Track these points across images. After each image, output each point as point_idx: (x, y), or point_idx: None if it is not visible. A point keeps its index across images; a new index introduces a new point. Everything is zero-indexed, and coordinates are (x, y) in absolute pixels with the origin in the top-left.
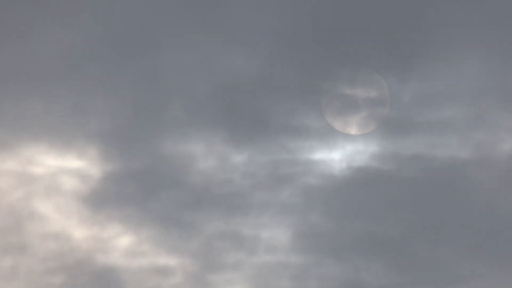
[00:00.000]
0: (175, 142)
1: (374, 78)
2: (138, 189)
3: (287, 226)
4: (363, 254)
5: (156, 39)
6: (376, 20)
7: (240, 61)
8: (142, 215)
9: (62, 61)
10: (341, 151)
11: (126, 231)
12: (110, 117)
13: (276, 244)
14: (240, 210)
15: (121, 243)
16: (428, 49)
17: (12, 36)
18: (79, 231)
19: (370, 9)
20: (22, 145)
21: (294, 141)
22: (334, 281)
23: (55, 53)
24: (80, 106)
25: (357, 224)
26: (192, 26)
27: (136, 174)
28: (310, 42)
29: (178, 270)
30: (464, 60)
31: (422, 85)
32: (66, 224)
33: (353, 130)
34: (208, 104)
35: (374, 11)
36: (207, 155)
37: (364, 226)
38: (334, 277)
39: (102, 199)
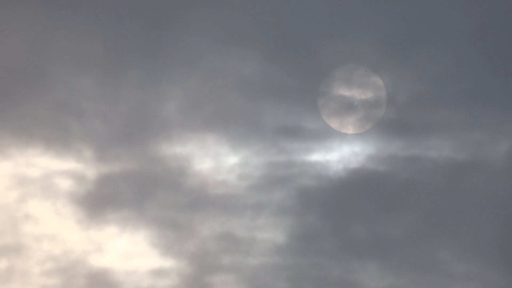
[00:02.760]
0: (171, 144)
1: (371, 79)
2: (134, 191)
3: (283, 227)
4: (359, 255)
5: (151, 39)
6: (373, 22)
7: (236, 62)
8: (138, 217)
9: (60, 64)
10: (337, 152)
11: (121, 233)
12: (105, 119)
13: (272, 245)
14: (235, 211)
15: (116, 244)
16: (425, 50)
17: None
18: (75, 233)
19: (367, 10)
20: (18, 147)
21: (290, 143)
22: (330, 282)
23: (55, 55)
24: (76, 109)
25: (353, 226)
26: (189, 27)
27: (131, 176)
28: (306, 44)
29: (174, 271)
30: (461, 62)
31: (418, 86)
32: (62, 226)
33: (349, 132)
34: (203, 106)
35: (371, 12)
36: (203, 157)
37: (360, 228)
38: (329, 278)
39: (98, 201)
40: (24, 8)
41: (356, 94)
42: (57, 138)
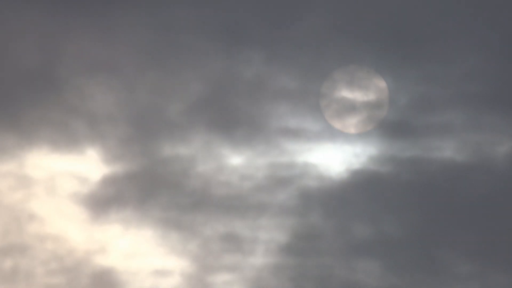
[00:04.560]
0: (174, 144)
1: (373, 80)
2: (137, 191)
3: (286, 228)
4: (361, 255)
5: (154, 41)
6: (373, 22)
7: (238, 64)
8: (141, 217)
9: (60, 66)
10: (340, 154)
11: (125, 233)
12: (109, 120)
13: (275, 245)
14: (238, 212)
15: (120, 245)
16: (425, 51)
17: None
18: (79, 233)
19: (368, 11)
20: (22, 147)
21: (292, 144)
22: (332, 282)
23: (57, 58)
24: (81, 110)
25: (355, 226)
26: (190, 28)
27: (135, 176)
28: (307, 44)
29: (176, 271)
30: (462, 63)
31: (419, 88)
32: (66, 226)
33: (351, 133)
34: (206, 107)
35: (371, 13)
36: (206, 158)
37: (362, 228)
38: (332, 278)
39: (102, 201)
40: (36, 11)
41: (358, 95)
42: (61, 139)
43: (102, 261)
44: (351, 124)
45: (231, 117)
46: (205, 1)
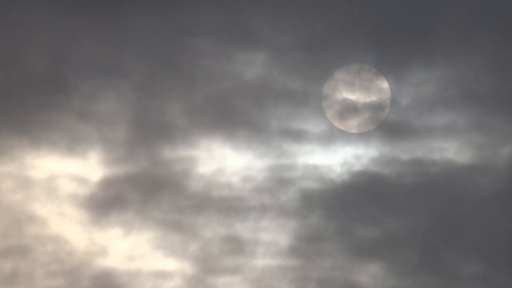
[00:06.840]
0: (175, 147)
1: (375, 81)
2: (138, 193)
3: (287, 229)
4: (362, 257)
5: (155, 42)
6: (375, 23)
7: (239, 65)
8: (142, 219)
9: (68, 69)
10: (341, 155)
11: (126, 235)
12: (109, 122)
13: (276, 247)
14: (239, 214)
15: (120, 247)
16: (427, 52)
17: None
18: (79, 235)
19: (370, 11)
20: (22, 148)
21: (293, 145)
22: (334, 284)
23: (60, 61)
24: (81, 112)
25: (356, 228)
26: (193, 31)
27: (136, 178)
28: (310, 46)
29: (177, 273)
30: (463, 64)
31: (421, 89)
32: (66, 228)
33: (353, 135)
34: (207, 109)
35: (373, 13)
36: (207, 160)
37: (364, 230)
38: (333, 280)
39: (102, 203)
40: (45, 14)
41: (360, 96)
42: (62, 140)
43: (103, 263)
44: (353, 125)
45: (233, 119)
46: (208, 3)
